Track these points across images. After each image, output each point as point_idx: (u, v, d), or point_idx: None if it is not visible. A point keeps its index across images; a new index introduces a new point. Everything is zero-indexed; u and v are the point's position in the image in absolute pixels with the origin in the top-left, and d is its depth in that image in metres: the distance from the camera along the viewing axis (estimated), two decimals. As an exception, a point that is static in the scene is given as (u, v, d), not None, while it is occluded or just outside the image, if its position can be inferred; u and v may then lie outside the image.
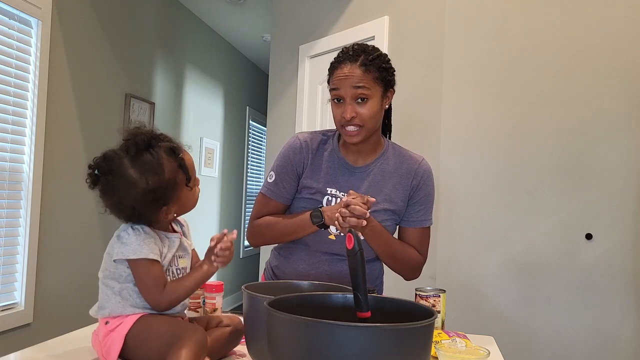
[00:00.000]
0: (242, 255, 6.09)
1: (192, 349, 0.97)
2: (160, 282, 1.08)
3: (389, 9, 2.78)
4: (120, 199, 1.07)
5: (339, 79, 1.37)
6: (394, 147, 1.52)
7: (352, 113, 1.35)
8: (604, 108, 2.30)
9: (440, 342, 1.14)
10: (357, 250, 0.83)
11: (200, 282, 1.12)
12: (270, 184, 1.48)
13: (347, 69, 1.36)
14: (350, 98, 1.36)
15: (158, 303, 1.08)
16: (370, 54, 1.38)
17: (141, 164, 1.06)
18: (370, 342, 0.69)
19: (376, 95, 1.37)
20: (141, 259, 1.06)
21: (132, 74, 3.71)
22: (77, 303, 3.02)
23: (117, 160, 1.07)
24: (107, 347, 1.05)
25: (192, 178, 1.14)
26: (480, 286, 2.42)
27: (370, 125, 1.38)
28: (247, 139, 6.20)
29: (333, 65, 1.41)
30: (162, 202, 1.09)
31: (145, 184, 1.06)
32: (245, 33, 5.27)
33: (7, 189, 2.60)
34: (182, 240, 1.17)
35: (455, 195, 2.48)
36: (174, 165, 1.10)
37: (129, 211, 1.08)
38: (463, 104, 2.49)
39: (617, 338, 2.24)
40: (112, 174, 1.06)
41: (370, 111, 1.36)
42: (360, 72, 1.35)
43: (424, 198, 1.48)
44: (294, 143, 1.49)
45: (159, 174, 1.07)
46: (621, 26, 2.29)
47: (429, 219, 1.51)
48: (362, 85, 1.35)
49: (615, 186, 2.27)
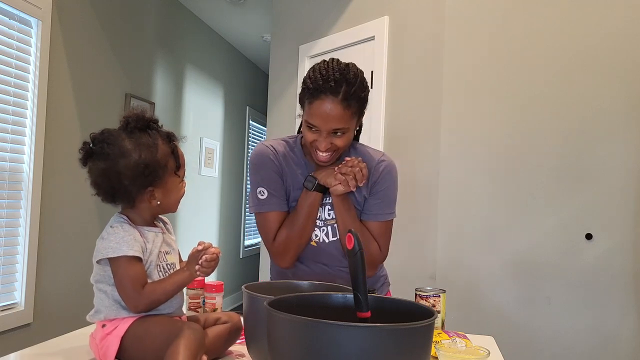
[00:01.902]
0: (242, 255, 6.09)
1: (190, 348, 0.96)
2: (138, 282, 1.05)
3: (389, 9, 2.78)
4: (110, 165, 1.06)
5: (318, 115, 1.30)
6: (354, 147, 1.51)
7: (327, 145, 1.34)
8: (604, 108, 2.30)
9: (440, 342, 1.14)
10: (357, 250, 0.82)
11: (181, 286, 1.09)
12: (266, 199, 1.42)
13: (327, 106, 1.29)
14: (327, 133, 1.33)
15: (136, 304, 1.05)
16: (351, 84, 1.30)
17: (137, 138, 1.08)
18: (370, 342, 0.69)
19: (352, 126, 1.35)
20: (120, 257, 1.04)
21: (132, 74, 3.71)
22: (77, 303, 3.02)
23: (114, 133, 1.09)
24: (104, 350, 1.04)
25: (181, 167, 1.15)
26: (480, 286, 2.42)
27: (343, 150, 1.39)
28: (247, 139, 6.20)
29: (312, 94, 1.31)
30: (149, 180, 1.08)
31: (138, 156, 1.06)
32: (245, 33, 5.27)
33: (7, 189, 2.60)
34: (164, 235, 1.16)
35: (455, 195, 2.48)
36: (168, 149, 1.12)
37: (114, 181, 1.06)
38: (463, 104, 2.49)
39: (617, 338, 2.24)
40: (106, 143, 1.07)
41: (345, 142, 1.36)
42: (341, 110, 1.29)
43: (382, 192, 1.46)
44: (264, 151, 1.45)
45: (152, 152, 1.08)
46: (621, 26, 2.29)
47: (390, 212, 1.48)
48: (341, 127, 1.31)
49: (615, 186, 2.27)
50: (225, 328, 1.15)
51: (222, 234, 5.49)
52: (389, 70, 2.74)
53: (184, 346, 0.96)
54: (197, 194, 4.85)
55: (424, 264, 2.47)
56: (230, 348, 1.21)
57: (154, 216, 1.17)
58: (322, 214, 1.45)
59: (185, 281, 1.08)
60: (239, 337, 1.19)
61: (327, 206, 1.45)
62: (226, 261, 5.63)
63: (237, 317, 1.19)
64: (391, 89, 2.73)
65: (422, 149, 2.56)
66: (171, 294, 1.08)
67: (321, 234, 1.44)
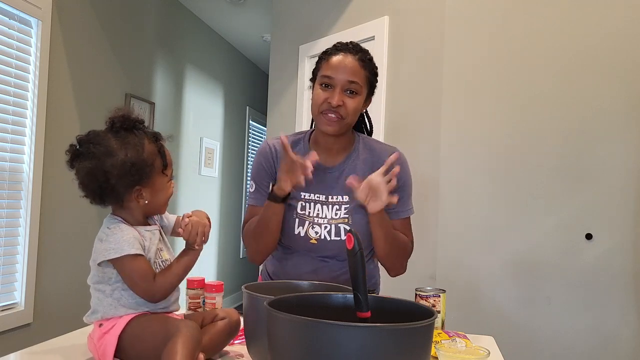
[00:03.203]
0: (242, 255, 6.09)
1: (186, 345, 0.97)
2: (148, 274, 1.07)
3: (389, 9, 2.78)
4: (96, 164, 1.06)
5: (335, 66, 1.38)
6: (364, 141, 1.51)
7: (339, 101, 1.37)
8: (604, 108, 2.30)
9: (440, 342, 1.14)
10: (357, 250, 0.82)
11: (189, 266, 1.12)
12: (253, 193, 1.51)
13: (345, 58, 1.38)
14: (341, 87, 1.37)
15: (152, 294, 1.07)
16: (367, 54, 1.42)
17: (123, 138, 1.09)
18: (370, 342, 0.69)
19: (363, 94, 1.41)
20: (124, 256, 1.05)
21: (132, 74, 3.71)
22: (76, 303, 3.02)
23: (100, 133, 1.10)
24: (102, 349, 1.04)
25: (168, 166, 1.16)
26: (480, 286, 2.42)
27: (350, 120, 1.40)
28: (247, 139, 6.20)
29: (329, 53, 1.42)
30: (136, 179, 1.09)
31: (124, 155, 1.07)
32: (245, 33, 5.27)
33: (7, 189, 2.60)
34: (161, 232, 1.18)
35: (455, 195, 2.48)
36: (154, 149, 1.13)
37: (101, 181, 1.06)
38: (463, 104, 2.49)
39: (617, 338, 2.24)
40: (92, 143, 1.08)
41: (356, 106, 1.39)
42: (358, 66, 1.38)
43: (399, 188, 1.45)
44: (263, 149, 1.51)
45: (139, 151, 1.09)
46: (621, 26, 2.29)
47: (409, 208, 1.50)
48: (355, 81, 1.38)
49: (615, 186, 2.27)
50: (223, 324, 1.15)
51: (222, 234, 5.49)
52: (389, 70, 2.74)
53: (182, 344, 0.96)
54: (197, 194, 4.85)
55: (424, 264, 2.47)
56: (230, 348, 1.21)
57: (145, 216, 1.17)
58: (328, 213, 1.43)
59: (191, 261, 1.12)
60: (238, 333, 1.18)
61: (335, 205, 1.44)
62: (226, 261, 5.63)
63: (235, 313, 1.18)
64: (391, 89, 2.73)
65: (422, 149, 2.56)
66: (182, 276, 1.11)
67: (323, 231, 1.42)
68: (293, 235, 1.44)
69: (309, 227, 1.42)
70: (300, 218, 1.44)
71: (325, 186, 1.45)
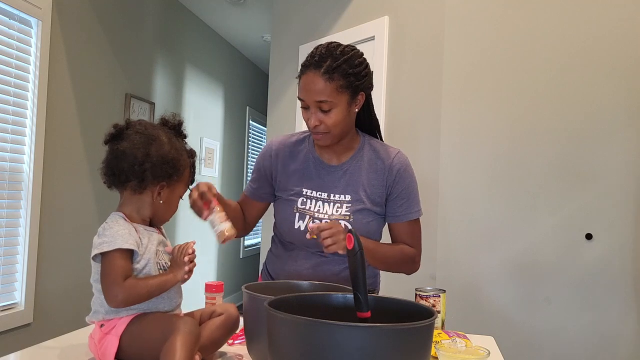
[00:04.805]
0: (242, 255, 6.09)
1: (185, 343, 0.97)
2: (119, 273, 1.02)
3: (389, 9, 2.78)
4: (141, 143, 1.09)
5: (302, 88, 1.36)
6: (369, 143, 1.51)
7: (315, 121, 1.36)
8: (604, 107, 2.30)
9: (440, 342, 1.14)
10: (357, 250, 0.82)
11: (165, 286, 1.07)
12: (249, 183, 1.57)
13: (309, 78, 1.34)
14: (314, 107, 1.36)
15: (114, 296, 1.01)
16: (336, 59, 1.33)
17: (170, 137, 1.15)
18: (370, 342, 0.69)
19: (341, 103, 1.35)
20: (113, 251, 1.03)
21: (132, 74, 3.71)
22: (77, 303, 3.02)
23: (153, 123, 1.16)
24: (103, 350, 1.04)
25: (193, 182, 1.22)
26: (480, 286, 2.42)
27: (337, 132, 1.38)
28: (247, 139, 6.20)
29: (300, 69, 1.39)
30: (168, 174, 1.11)
31: (169, 148, 1.12)
32: (245, 33, 5.27)
33: (7, 189, 2.60)
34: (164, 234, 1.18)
35: (455, 195, 2.48)
36: (188, 161, 1.19)
37: (137, 161, 1.08)
38: (463, 104, 2.49)
39: (617, 338, 2.24)
40: (143, 127, 1.12)
41: (335, 120, 1.35)
42: (322, 83, 1.32)
43: (404, 191, 1.46)
44: (266, 149, 1.54)
45: (180, 153, 1.15)
46: (621, 26, 2.29)
47: (416, 210, 1.49)
48: (323, 100, 1.33)
49: (615, 186, 2.27)
50: (221, 320, 1.14)
51: (222, 234, 5.49)
52: (389, 70, 2.74)
53: (180, 341, 0.96)
54: (197, 194, 4.84)
55: (424, 264, 2.46)
56: (230, 348, 1.21)
57: (150, 218, 1.16)
58: (329, 210, 1.43)
59: (168, 282, 1.07)
60: (237, 328, 1.17)
61: (336, 203, 1.44)
62: (226, 261, 5.63)
63: (233, 308, 1.17)
64: (391, 89, 2.73)
65: (422, 149, 2.56)
66: (154, 292, 1.05)
67: None
68: (293, 229, 1.44)
69: (309, 222, 1.42)
70: (300, 212, 1.44)
71: (328, 184, 1.45)
